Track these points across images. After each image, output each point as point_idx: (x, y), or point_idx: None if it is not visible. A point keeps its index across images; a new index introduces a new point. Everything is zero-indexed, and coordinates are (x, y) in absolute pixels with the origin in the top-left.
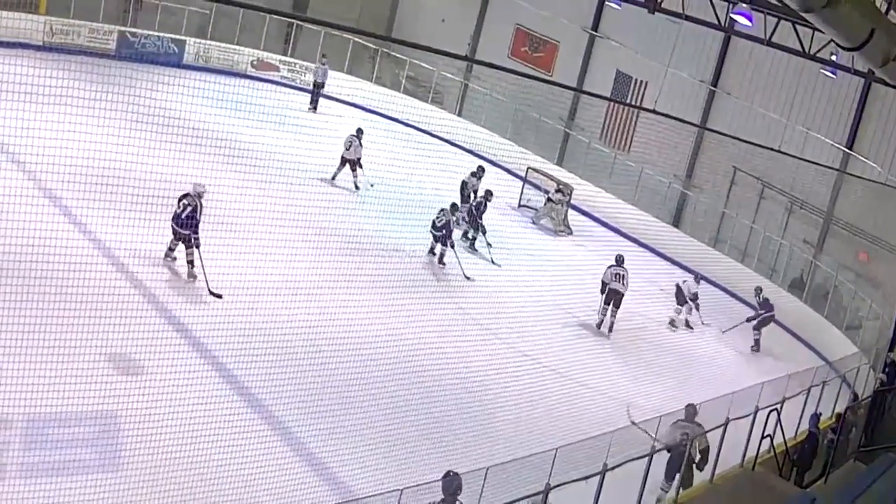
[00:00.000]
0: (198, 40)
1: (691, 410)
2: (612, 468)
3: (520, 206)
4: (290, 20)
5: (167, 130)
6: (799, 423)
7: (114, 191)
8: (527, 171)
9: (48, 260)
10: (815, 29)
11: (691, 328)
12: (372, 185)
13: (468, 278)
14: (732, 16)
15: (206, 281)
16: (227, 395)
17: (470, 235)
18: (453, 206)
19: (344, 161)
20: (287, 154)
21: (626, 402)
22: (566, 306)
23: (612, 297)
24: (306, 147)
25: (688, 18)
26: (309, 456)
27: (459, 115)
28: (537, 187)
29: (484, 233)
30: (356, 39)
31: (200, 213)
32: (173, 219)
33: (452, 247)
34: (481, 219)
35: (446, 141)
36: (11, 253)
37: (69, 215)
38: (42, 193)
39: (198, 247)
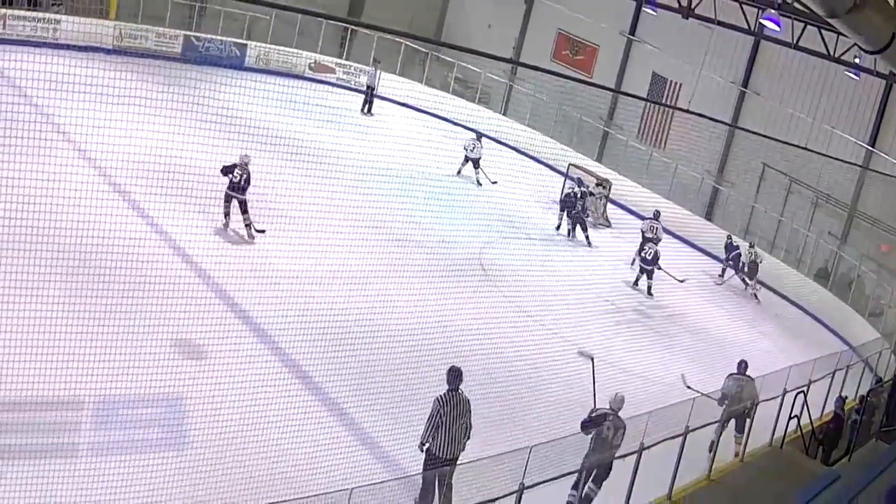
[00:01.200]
0: (258, 44)
1: (743, 365)
2: (650, 447)
3: (561, 200)
4: (345, 25)
5: (229, 129)
6: (824, 405)
7: (179, 185)
8: (568, 168)
9: (118, 251)
10: (839, 33)
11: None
12: (494, 182)
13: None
14: (762, 21)
15: (251, 232)
16: (285, 377)
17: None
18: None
19: (466, 160)
20: (342, 151)
21: (658, 383)
22: (606, 295)
23: (646, 246)
24: (360, 144)
25: (719, 23)
26: (363, 435)
27: (504, 114)
28: (576, 181)
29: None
30: (408, 43)
31: (250, 178)
32: (230, 187)
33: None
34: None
35: (492, 139)
36: (85, 244)
37: (137, 209)
38: (112, 188)
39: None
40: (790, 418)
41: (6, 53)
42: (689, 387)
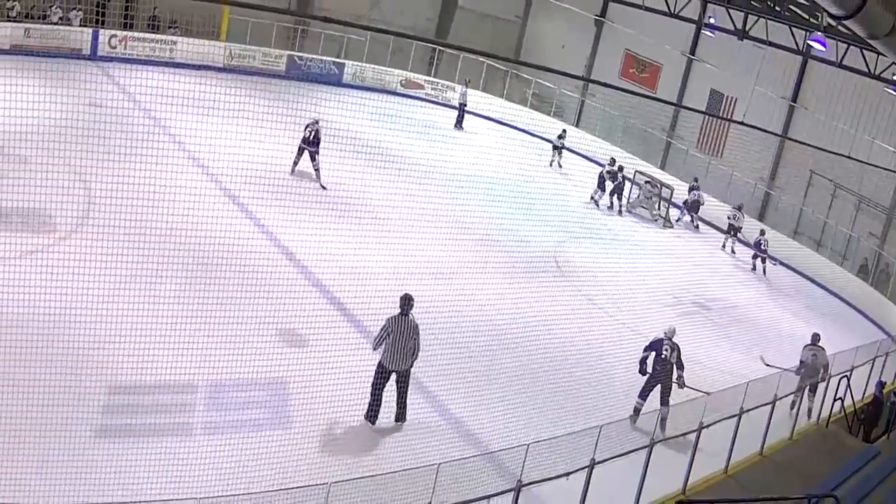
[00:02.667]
0: (355, 62)
1: (817, 336)
2: (708, 426)
3: (629, 203)
4: (433, 46)
5: (329, 139)
6: (865, 388)
7: (284, 190)
8: (634, 174)
9: (229, 249)
10: (879, 53)
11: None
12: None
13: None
14: (809, 42)
15: (320, 179)
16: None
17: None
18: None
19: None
20: (430, 158)
21: (724, 371)
22: (669, 289)
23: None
24: (446, 152)
25: (771, 44)
26: (449, 415)
27: (577, 126)
28: (654, 188)
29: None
30: (490, 62)
31: (320, 135)
32: (303, 140)
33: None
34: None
35: (566, 149)
36: (198, 243)
37: (246, 211)
38: (223, 193)
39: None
40: (835, 400)
41: (128, 71)
42: (768, 364)
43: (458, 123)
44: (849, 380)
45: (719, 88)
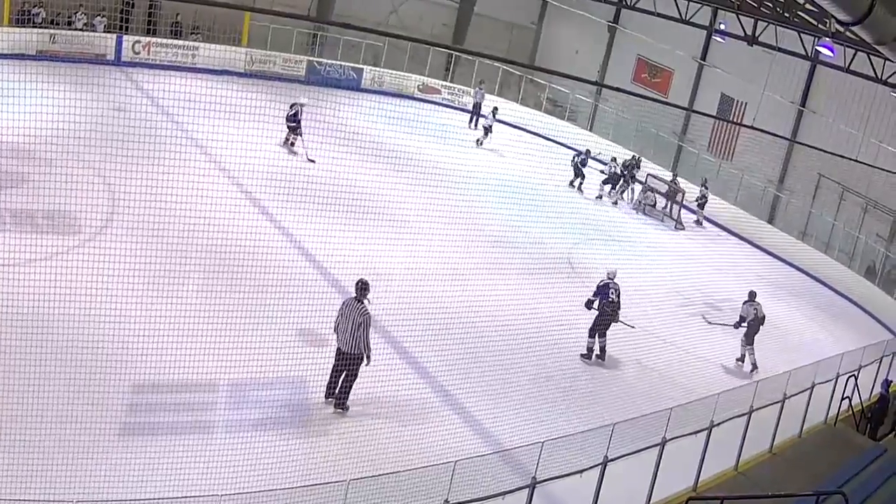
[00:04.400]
0: (373, 68)
1: (753, 293)
2: (718, 424)
3: (640, 204)
4: (450, 51)
5: (348, 143)
6: (872, 388)
7: (303, 192)
8: (646, 177)
9: (250, 249)
10: (886, 59)
11: None
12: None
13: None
14: (818, 48)
15: (306, 153)
16: (396, 363)
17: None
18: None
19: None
20: (447, 162)
21: (726, 368)
22: (680, 290)
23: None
24: (463, 156)
25: (780, 50)
26: (465, 413)
27: (591, 130)
28: (655, 190)
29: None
30: (505, 68)
31: (302, 115)
32: (287, 118)
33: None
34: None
35: (579, 151)
36: (220, 244)
37: (266, 213)
38: (244, 195)
39: (300, 135)
40: (842, 399)
41: (151, 76)
42: (710, 323)
43: (474, 124)
44: (856, 379)
45: (729, 93)
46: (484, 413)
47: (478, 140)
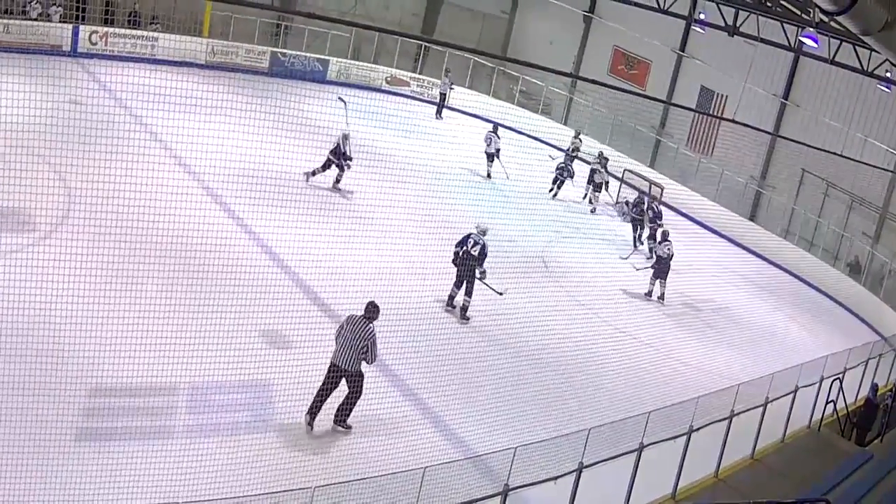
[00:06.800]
0: (339, 59)
1: (667, 233)
2: (698, 429)
3: (616, 203)
4: (419, 42)
5: (312, 136)
6: (858, 391)
7: (266, 188)
8: (623, 173)
9: (211, 249)
10: (872, 50)
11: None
12: (508, 177)
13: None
14: (801, 38)
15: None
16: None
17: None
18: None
19: (489, 156)
20: (415, 156)
21: (706, 371)
22: (660, 291)
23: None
24: (432, 151)
25: (762, 41)
26: (434, 417)
27: (565, 124)
28: (633, 187)
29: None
30: (476, 59)
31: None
32: (331, 153)
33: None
34: None
35: (553, 146)
36: (180, 243)
37: (228, 210)
38: (205, 192)
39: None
40: (827, 403)
41: (108, 68)
42: (637, 269)
43: (438, 113)
44: (841, 382)
45: (710, 86)
46: (454, 417)
47: (488, 174)
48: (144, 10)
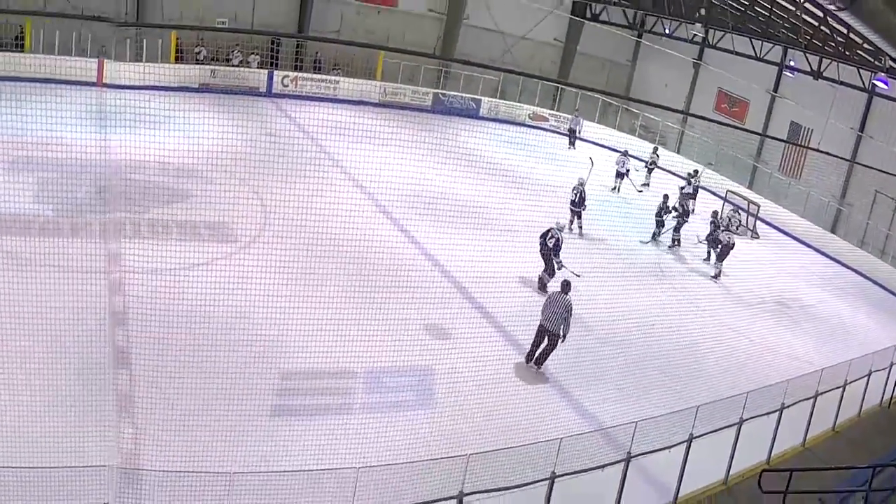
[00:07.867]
0: (490, 99)
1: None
2: (788, 406)
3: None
4: (556, 84)
5: (468, 163)
6: None
7: (430, 206)
8: (726, 193)
9: (383, 256)
10: None
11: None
12: (639, 192)
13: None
14: (874, 81)
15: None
16: (510, 353)
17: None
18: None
19: (619, 174)
20: (552, 179)
21: (795, 358)
22: (756, 291)
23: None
24: (567, 175)
25: (842, 83)
26: (569, 397)
27: (678, 152)
28: (735, 205)
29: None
30: (604, 98)
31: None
32: (571, 203)
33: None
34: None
35: (670, 172)
36: (359, 252)
37: (398, 224)
38: (378, 209)
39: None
40: None
41: (298, 106)
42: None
43: (571, 144)
44: None
45: (798, 121)
46: (587, 396)
47: (615, 187)
48: (328, 58)
